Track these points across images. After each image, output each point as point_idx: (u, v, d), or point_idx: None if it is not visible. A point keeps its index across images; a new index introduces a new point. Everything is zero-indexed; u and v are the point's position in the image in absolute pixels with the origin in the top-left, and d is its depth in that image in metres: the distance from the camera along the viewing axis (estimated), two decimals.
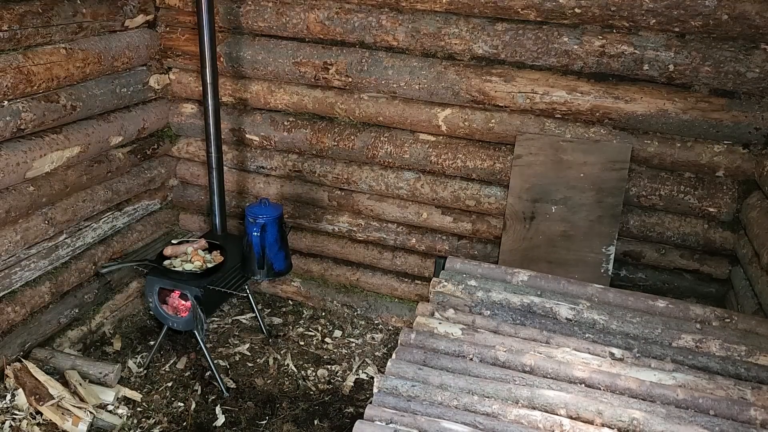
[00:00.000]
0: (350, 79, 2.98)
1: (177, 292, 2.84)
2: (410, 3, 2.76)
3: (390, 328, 3.41)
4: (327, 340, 3.30)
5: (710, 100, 2.55)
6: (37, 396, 2.55)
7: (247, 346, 3.21)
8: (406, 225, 3.24)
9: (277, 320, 3.43)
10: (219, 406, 2.81)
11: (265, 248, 2.88)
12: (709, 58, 2.47)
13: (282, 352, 3.18)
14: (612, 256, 2.77)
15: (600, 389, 1.71)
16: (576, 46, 2.61)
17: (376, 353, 3.22)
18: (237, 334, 3.30)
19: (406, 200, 3.16)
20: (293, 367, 3.08)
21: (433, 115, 2.93)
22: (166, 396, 2.85)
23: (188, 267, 2.84)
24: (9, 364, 2.66)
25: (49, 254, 2.81)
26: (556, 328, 1.95)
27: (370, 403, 1.66)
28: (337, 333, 3.36)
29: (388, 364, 1.79)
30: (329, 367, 3.10)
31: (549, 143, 2.77)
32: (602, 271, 2.79)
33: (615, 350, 1.84)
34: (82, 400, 2.63)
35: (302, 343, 3.26)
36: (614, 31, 2.57)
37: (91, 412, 2.59)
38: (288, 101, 3.16)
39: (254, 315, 3.37)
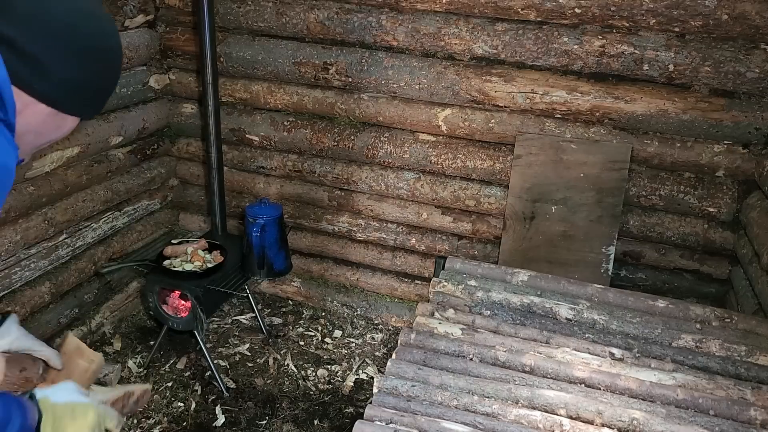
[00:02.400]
0: (350, 79, 2.98)
1: (177, 292, 2.84)
2: (410, 3, 2.76)
3: (390, 328, 3.41)
4: (327, 340, 3.30)
5: (710, 100, 2.55)
6: None
7: (247, 346, 3.21)
8: (406, 225, 3.23)
9: (277, 320, 3.43)
10: (219, 406, 2.81)
11: (265, 248, 2.88)
12: (709, 58, 2.47)
13: (282, 352, 3.18)
14: (612, 256, 2.77)
15: (600, 389, 1.71)
16: (576, 46, 2.61)
17: (376, 353, 3.22)
18: (237, 334, 3.30)
19: (406, 200, 3.16)
20: (293, 367, 3.08)
21: (433, 115, 2.93)
22: (166, 396, 2.85)
23: (188, 267, 2.84)
24: None
25: (49, 254, 2.81)
26: (556, 328, 1.95)
27: (370, 403, 1.66)
28: (337, 333, 3.36)
29: (388, 364, 1.79)
30: (329, 367, 3.10)
31: (549, 143, 2.77)
32: (602, 271, 2.79)
33: (615, 350, 1.84)
34: None
35: (302, 343, 3.26)
36: (614, 31, 2.57)
37: None
38: (288, 101, 3.16)
39: (254, 315, 3.37)
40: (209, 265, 2.87)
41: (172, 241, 3.03)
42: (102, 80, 1.11)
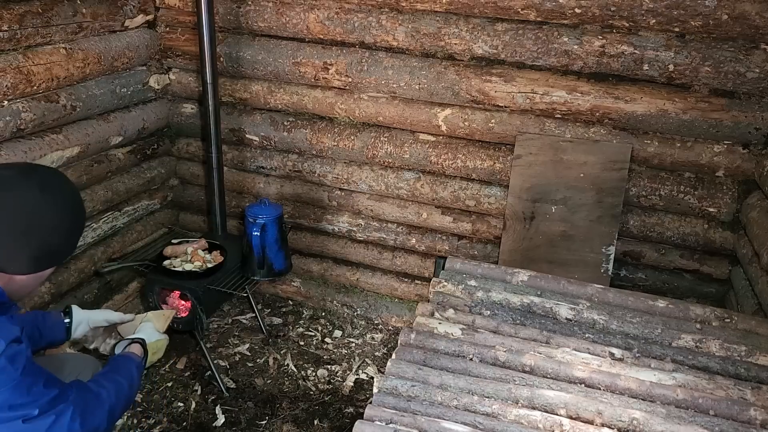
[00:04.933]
0: (350, 79, 2.98)
1: (177, 292, 2.84)
2: (410, 3, 2.76)
3: (390, 328, 3.41)
4: (327, 340, 3.30)
5: (710, 100, 2.55)
6: None
7: (247, 346, 3.21)
8: (406, 225, 3.23)
9: (277, 320, 3.43)
10: (219, 406, 2.81)
11: (265, 248, 2.88)
12: (709, 58, 2.47)
13: (282, 352, 3.18)
14: (612, 256, 2.77)
15: (600, 389, 1.71)
16: (576, 46, 2.61)
17: (376, 353, 3.22)
18: (237, 334, 3.30)
19: (406, 200, 3.16)
20: (293, 367, 3.08)
21: (433, 115, 2.93)
22: (166, 396, 2.85)
23: (188, 267, 2.84)
24: None
25: None
26: (556, 328, 1.95)
27: (370, 403, 1.66)
28: (337, 333, 3.36)
29: (388, 364, 1.79)
30: (329, 367, 3.10)
31: (549, 143, 2.77)
32: (602, 271, 2.79)
33: (615, 350, 1.84)
34: None
35: (302, 343, 3.26)
36: (614, 31, 2.57)
37: None
38: (288, 101, 3.16)
39: (254, 315, 3.37)
40: (209, 265, 2.87)
41: (172, 241, 3.03)
42: (65, 244, 1.50)
